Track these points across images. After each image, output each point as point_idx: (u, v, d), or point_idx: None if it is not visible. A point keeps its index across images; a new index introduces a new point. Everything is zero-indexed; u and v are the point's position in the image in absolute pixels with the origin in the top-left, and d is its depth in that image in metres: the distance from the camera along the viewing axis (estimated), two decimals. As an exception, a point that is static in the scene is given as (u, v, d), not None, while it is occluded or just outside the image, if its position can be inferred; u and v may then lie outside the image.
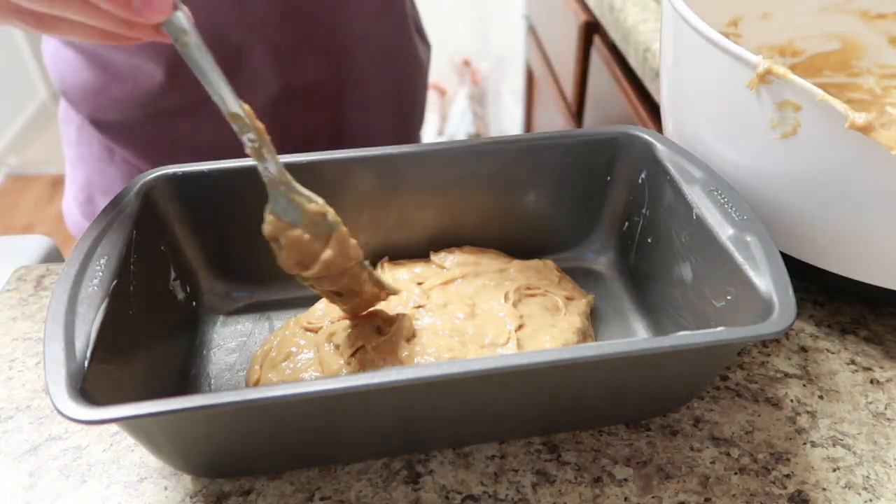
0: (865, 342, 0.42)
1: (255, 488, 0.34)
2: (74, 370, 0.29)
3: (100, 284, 0.33)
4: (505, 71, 2.00)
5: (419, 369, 0.28)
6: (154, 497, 0.34)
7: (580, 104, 1.06)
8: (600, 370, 0.32)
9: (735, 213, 0.36)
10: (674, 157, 0.41)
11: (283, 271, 0.45)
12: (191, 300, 0.43)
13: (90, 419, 0.27)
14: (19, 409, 0.39)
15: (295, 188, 0.34)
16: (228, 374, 0.41)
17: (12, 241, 0.53)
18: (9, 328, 0.44)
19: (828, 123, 0.34)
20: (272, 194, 0.34)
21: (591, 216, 0.47)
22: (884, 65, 0.54)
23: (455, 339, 0.39)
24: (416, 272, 0.44)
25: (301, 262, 0.36)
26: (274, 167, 0.33)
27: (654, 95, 0.70)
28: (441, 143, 0.44)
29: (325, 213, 0.35)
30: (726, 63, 0.38)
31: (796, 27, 0.54)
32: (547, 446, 0.36)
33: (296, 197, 0.34)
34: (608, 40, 0.89)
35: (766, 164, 0.39)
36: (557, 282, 0.44)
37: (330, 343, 0.39)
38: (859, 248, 0.38)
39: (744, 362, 0.41)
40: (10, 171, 2.34)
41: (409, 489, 0.34)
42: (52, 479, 0.35)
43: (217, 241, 0.43)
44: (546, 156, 0.44)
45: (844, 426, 0.37)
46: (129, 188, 0.39)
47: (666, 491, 0.34)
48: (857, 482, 0.35)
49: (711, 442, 0.36)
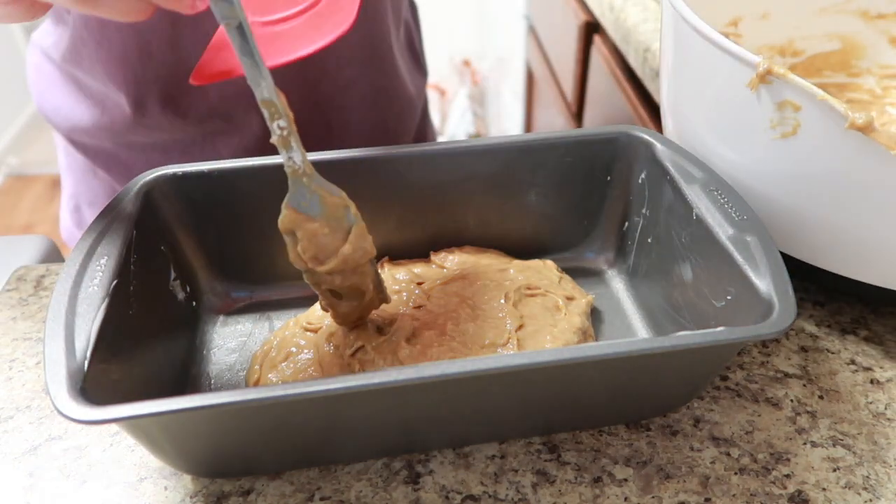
0: (865, 342, 0.42)
1: (255, 488, 0.34)
2: (74, 370, 0.29)
3: (100, 284, 0.33)
4: (505, 71, 2.00)
5: (419, 369, 0.28)
6: (154, 497, 0.34)
7: (580, 104, 1.06)
8: (600, 370, 0.32)
9: (735, 213, 0.36)
10: (674, 157, 0.41)
11: (283, 271, 0.45)
12: (191, 300, 0.43)
13: (90, 419, 0.27)
14: (19, 409, 0.39)
15: (320, 180, 0.34)
16: (228, 374, 0.41)
17: (12, 241, 0.53)
18: (9, 328, 0.44)
19: (828, 123, 0.34)
20: (293, 185, 0.34)
21: (591, 216, 0.47)
22: (884, 65, 0.54)
23: (455, 339, 0.39)
24: (416, 272, 0.44)
25: (317, 256, 0.35)
26: (299, 157, 0.33)
27: (654, 95, 0.70)
28: (441, 143, 0.44)
29: (348, 205, 0.35)
30: (726, 63, 0.38)
31: (796, 27, 0.54)
32: (547, 446, 0.36)
33: (318, 188, 0.34)
34: (608, 40, 0.89)
35: (766, 164, 0.39)
36: (558, 282, 0.44)
37: (330, 343, 0.39)
38: (859, 248, 0.38)
39: (744, 362, 0.41)
40: (10, 171, 2.34)
41: (409, 489, 0.34)
42: (52, 479, 0.35)
43: (217, 241, 0.43)
44: (546, 156, 0.44)
45: (844, 426, 0.37)
46: (130, 188, 0.39)
47: (666, 491, 0.34)
48: (857, 482, 0.35)
49: (711, 442, 0.36)
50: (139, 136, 0.56)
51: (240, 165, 0.41)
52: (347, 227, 0.35)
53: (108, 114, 0.56)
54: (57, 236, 0.68)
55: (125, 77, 0.52)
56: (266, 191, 0.37)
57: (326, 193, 0.34)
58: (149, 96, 0.53)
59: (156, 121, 0.54)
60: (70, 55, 0.54)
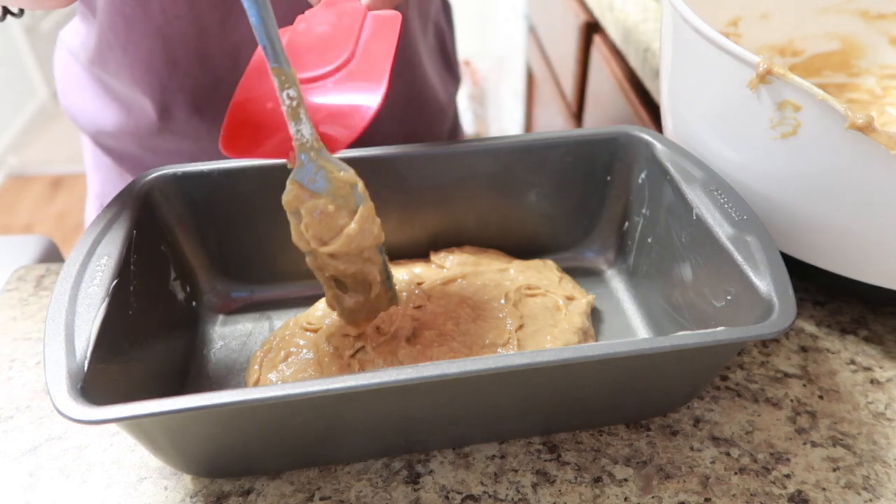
0: (865, 342, 0.42)
1: (255, 488, 0.34)
2: (74, 370, 0.29)
3: (100, 284, 0.33)
4: (505, 71, 1.99)
5: (419, 369, 0.28)
6: (154, 497, 0.34)
7: (580, 104, 1.06)
8: (601, 370, 0.32)
9: (735, 213, 0.36)
10: (674, 157, 0.41)
11: (283, 271, 0.45)
12: (191, 300, 0.43)
13: (90, 419, 0.27)
14: (19, 409, 0.39)
15: (326, 155, 0.33)
16: (228, 374, 0.41)
17: (12, 241, 0.53)
18: (9, 328, 0.44)
19: (828, 123, 0.34)
20: (299, 160, 0.33)
21: (591, 216, 0.47)
22: (884, 65, 0.54)
23: (455, 339, 0.39)
24: (416, 272, 0.44)
25: (321, 236, 0.34)
26: (308, 130, 0.32)
27: (654, 95, 0.70)
28: (441, 143, 0.44)
29: (355, 183, 0.34)
30: (726, 63, 0.38)
31: (796, 27, 0.54)
32: (547, 446, 0.36)
33: (326, 164, 0.33)
34: (608, 40, 0.89)
35: (766, 164, 0.39)
36: (558, 281, 0.44)
37: (330, 343, 0.39)
38: (859, 248, 0.38)
39: (744, 362, 0.41)
40: (10, 171, 2.34)
41: (409, 489, 0.34)
42: (52, 479, 0.35)
43: (217, 241, 0.43)
44: (546, 156, 0.44)
45: (844, 426, 0.37)
46: (129, 188, 0.39)
47: (666, 491, 0.34)
48: (857, 482, 0.35)
49: (711, 442, 0.36)
50: (165, 142, 0.56)
51: (240, 165, 0.41)
52: (354, 207, 0.34)
53: (134, 118, 0.55)
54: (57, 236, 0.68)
55: (151, 83, 0.51)
56: (266, 191, 0.37)
57: (334, 168, 0.33)
58: (174, 104, 0.52)
59: (181, 127, 0.54)
60: (97, 58, 0.53)
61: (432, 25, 0.63)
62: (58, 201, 2.20)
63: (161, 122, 0.53)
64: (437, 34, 0.65)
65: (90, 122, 0.58)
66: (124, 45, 0.50)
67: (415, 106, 0.61)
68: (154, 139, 0.56)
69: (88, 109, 0.58)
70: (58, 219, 2.10)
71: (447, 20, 0.68)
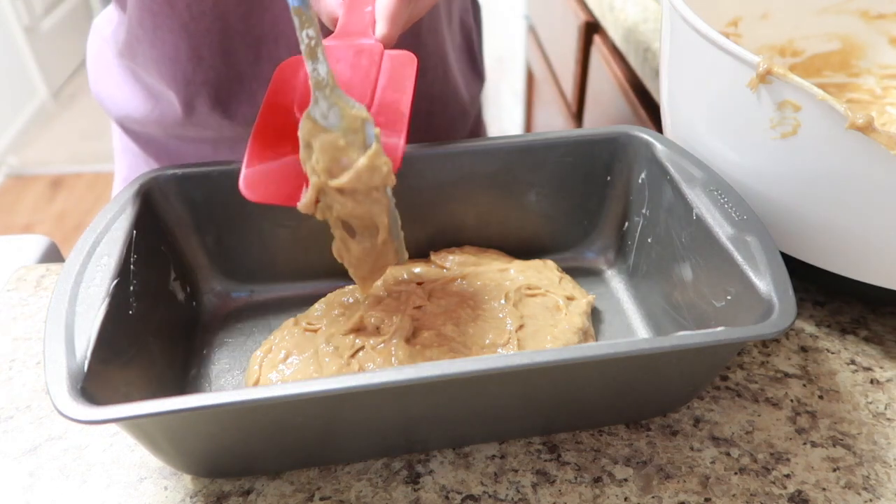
0: (865, 342, 0.42)
1: (255, 488, 0.34)
2: (74, 370, 0.29)
3: (100, 284, 0.33)
4: (505, 71, 1.99)
5: (419, 369, 0.28)
6: (154, 497, 0.34)
7: (580, 104, 1.06)
8: (600, 370, 0.32)
9: (735, 213, 0.36)
10: (674, 157, 0.41)
11: (283, 271, 0.45)
12: (191, 300, 0.43)
13: (90, 419, 0.27)
14: (19, 409, 0.39)
15: (340, 93, 0.34)
16: (228, 374, 0.41)
17: (12, 241, 0.53)
18: (9, 328, 0.44)
19: (828, 123, 0.34)
20: (315, 97, 0.34)
21: (591, 216, 0.47)
22: (884, 65, 0.54)
23: (455, 339, 0.39)
24: (416, 272, 0.44)
25: (331, 168, 0.35)
26: (324, 69, 0.33)
27: (654, 95, 0.70)
28: (441, 143, 0.44)
29: (367, 119, 0.35)
30: (726, 63, 0.38)
31: (796, 27, 0.54)
32: (547, 446, 0.36)
33: (338, 101, 0.34)
34: (608, 40, 0.89)
35: (766, 164, 0.39)
36: (558, 281, 0.44)
37: (329, 343, 0.39)
38: (859, 248, 0.38)
39: (744, 362, 0.41)
40: (10, 171, 2.34)
41: (409, 489, 0.34)
42: (52, 479, 0.35)
43: (217, 241, 0.43)
44: (546, 156, 0.44)
45: (844, 426, 0.37)
46: (130, 188, 0.39)
47: (666, 491, 0.34)
48: (857, 482, 0.35)
49: (711, 442, 0.36)
50: (189, 131, 0.57)
51: (240, 166, 0.41)
52: (364, 143, 0.35)
53: (160, 108, 0.56)
54: (57, 236, 0.68)
55: (175, 77, 0.52)
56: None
57: (347, 106, 0.34)
58: (198, 97, 0.53)
59: (204, 120, 0.55)
60: (126, 49, 0.55)
61: (459, 26, 0.64)
62: (58, 201, 2.20)
63: (185, 114, 0.55)
64: (465, 34, 0.66)
65: (118, 108, 0.59)
66: (151, 40, 0.51)
67: (438, 105, 0.62)
68: (178, 128, 0.57)
69: (117, 96, 0.59)
70: (58, 219, 2.10)
71: (476, 21, 0.68)
